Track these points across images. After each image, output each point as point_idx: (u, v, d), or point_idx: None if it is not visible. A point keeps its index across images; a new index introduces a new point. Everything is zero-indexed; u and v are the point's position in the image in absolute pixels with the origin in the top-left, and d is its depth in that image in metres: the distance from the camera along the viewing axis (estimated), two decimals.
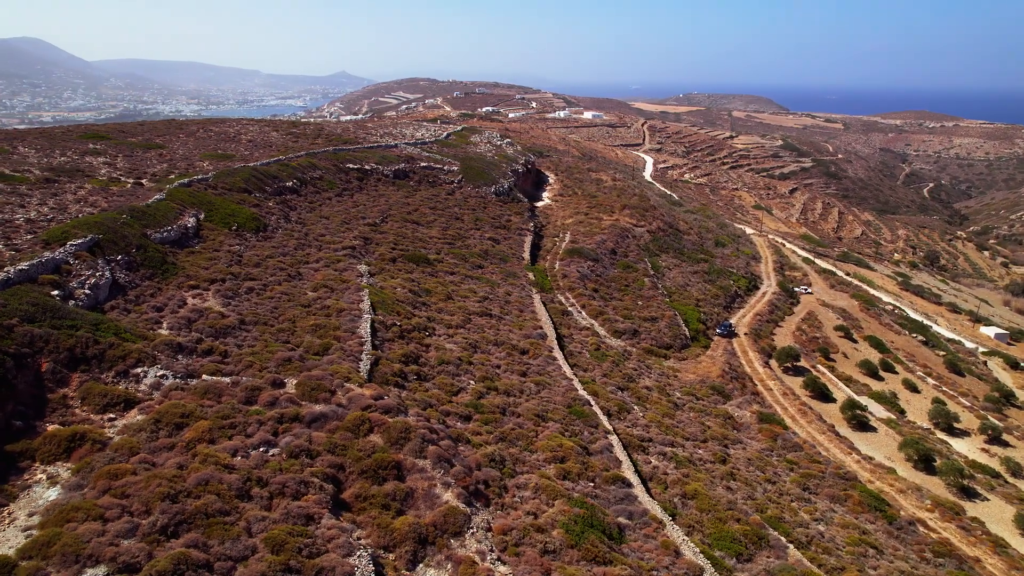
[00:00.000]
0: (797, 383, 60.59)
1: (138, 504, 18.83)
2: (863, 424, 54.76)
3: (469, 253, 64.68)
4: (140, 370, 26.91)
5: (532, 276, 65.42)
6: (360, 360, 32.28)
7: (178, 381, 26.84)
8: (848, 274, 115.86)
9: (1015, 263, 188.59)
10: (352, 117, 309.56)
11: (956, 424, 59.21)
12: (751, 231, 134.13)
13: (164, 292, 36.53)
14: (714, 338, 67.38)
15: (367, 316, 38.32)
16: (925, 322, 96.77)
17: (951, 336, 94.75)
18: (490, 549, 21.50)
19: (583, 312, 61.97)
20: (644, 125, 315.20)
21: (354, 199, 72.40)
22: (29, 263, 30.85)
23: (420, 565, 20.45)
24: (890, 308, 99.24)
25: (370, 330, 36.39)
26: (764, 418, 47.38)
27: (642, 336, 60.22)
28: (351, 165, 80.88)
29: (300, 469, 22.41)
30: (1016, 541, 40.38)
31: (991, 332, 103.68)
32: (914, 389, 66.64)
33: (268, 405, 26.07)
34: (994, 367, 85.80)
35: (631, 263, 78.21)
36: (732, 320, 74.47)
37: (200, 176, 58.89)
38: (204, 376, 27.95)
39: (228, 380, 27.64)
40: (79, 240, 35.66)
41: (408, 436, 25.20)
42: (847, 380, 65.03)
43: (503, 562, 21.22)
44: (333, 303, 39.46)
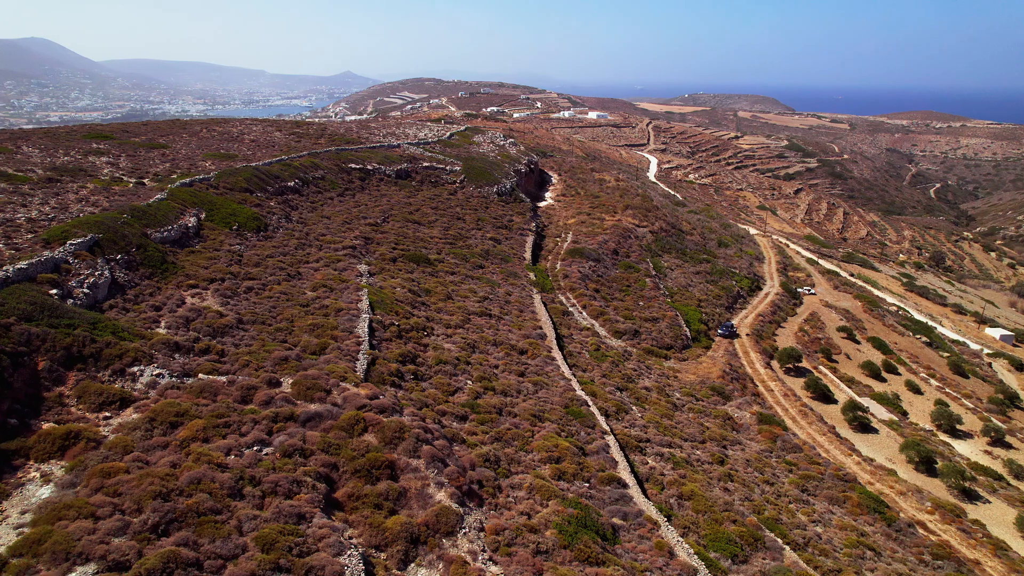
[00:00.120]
0: (798, 384, 60.35)
1: (130, 502, 18.90)
2: (864, 425, 54.48)
3: (470, 253, 64.69)
4: (136, 369, 27.00)
5: (533, 276, 65.38)
6: (357, 360, 32.31)
7: (174, 380, 26.93)
8: (852, 275, 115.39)
9: (1022, 264, 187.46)
10: (357, 117, 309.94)
11: (959, 426, 58.87)
12: (755, 232, 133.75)
13: (163, 291, 36.65)
14: (715, 339, 67.17)
15: (365, 316, 38.37)
16: (929, 323, 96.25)
17: (956, 337, 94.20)
18: (482, 549, 21.51)
19: (584, 312, 61.89)
20: (649, 125, 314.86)
21: (356, 199, 72.50)
22: (28, 262, 31.01)
23: (411, 565, 20.46)
24: (894, 309, 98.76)
25: (368, 330, 36.43)
26: (764, 419, 47.21)
27: (643, 336, 60.10)
28: (353, 165, 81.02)
29: (293, 468, 22.45)
30: (1017, 544, 40.08)
31: (996, 333, 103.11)
32: (917, 391, 66.30)
33: (263, 404, 26.14)
34: (999, 369, 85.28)
35: (633, 263, 78.06)
36: (734, 321, 74.26)
37: (202, 176, 59.05)
38: (200, 375, 28.05)
39: (224, 379, 27.74)
40: (79, 239, 35.81)
41: (402, 436, 25.21)
42: (849, 381, 64.72)
43: (494, 562, 21.22)
44: (332, 303, 39.52)
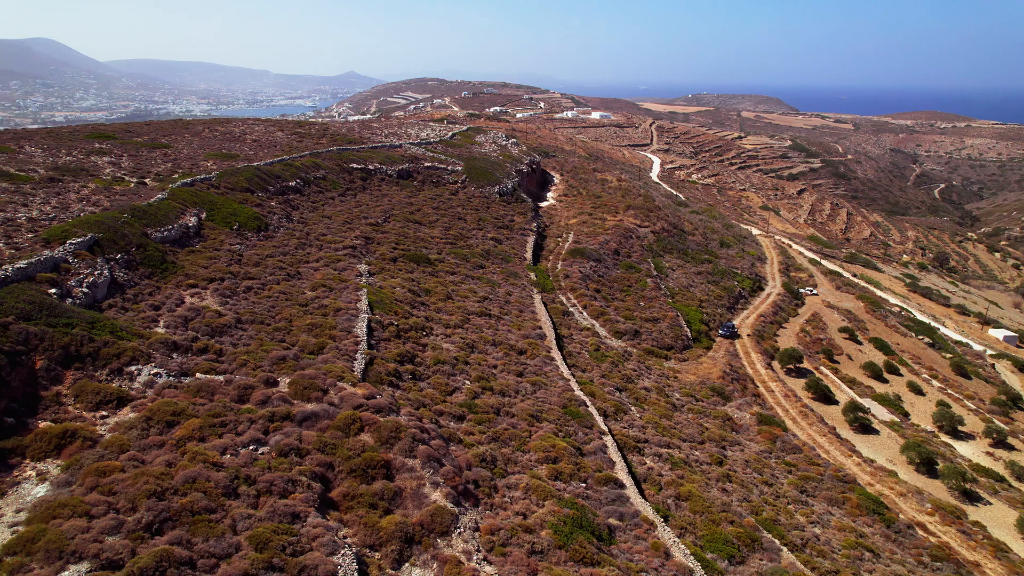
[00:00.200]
0: (799, 385, 60.21)
1: (124, 501, 18.94)
2: (865, 426, 54.32)
3: (471, 253, 64.70)
4: (134, 368, 27.05)
5: (534, 276, 65.36)
6: (355, 359, 32.34)
7: (171, 379, 26.98)
8: (855, 275, 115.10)
9: None
10: (360, 117, 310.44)
11: (961, 427, 58.67)
12: (757, 232, 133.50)
13: (163, 291, 36.73)
14: (716, 339, 67.06)
15: (364, 315, 38.40)
16: (932, 324, 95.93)
17: (959, 338, 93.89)
18: (476, 549, 21.50)
19: (584, 312, 61.84)
20: (652, 125, 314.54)
21: (357, 199, 72.58)
22: (27, 261, 31.12)
23: (406, 564, 20.47)
24: (897, 310, 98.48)
25: (366, 329, 36.46)
26: (764, 420, 47.10)
27: (643, 337, 60.02)
28: (355, 165, 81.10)
29: (289, 468, 22.48)
30: (1018, 545, 39.90)
31: (1000, 334, 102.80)
32: (919, 392, 66.11)
33: (260, 404, 26.18)
34: (1002, 370, 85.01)
35: (634, 264, 77.98)
36: (735, 321, 74.13)
37: (203, 176, 59.17)
38: (198, 374, 28.09)
39: (221, 379, 27.78)
40: (79, 239, 35.91)
41: (398, 435, 25.23)
42: (850, 382, 64.54)
43: (489, 562, 21.21)
44: (331, 302, 39.56)
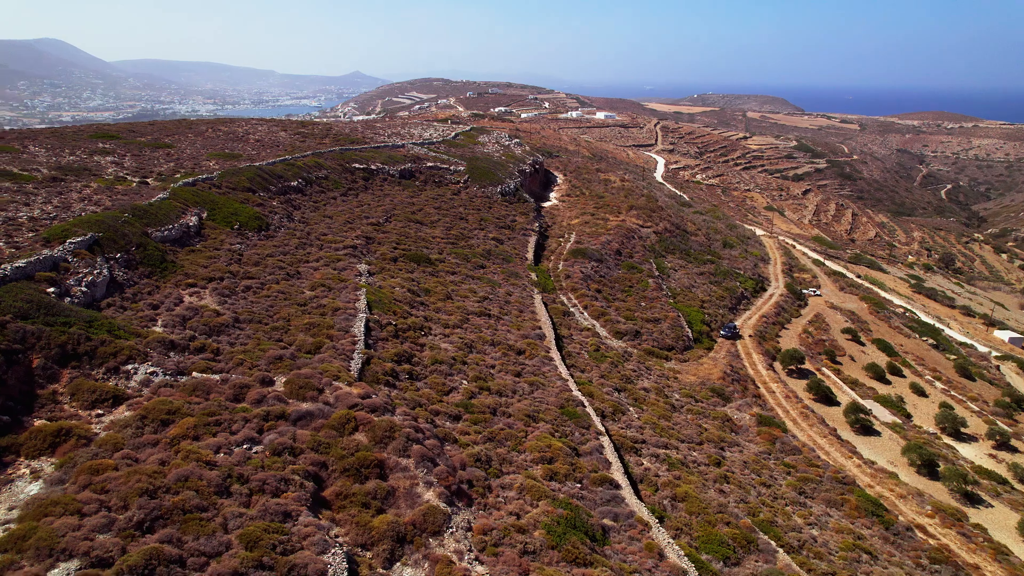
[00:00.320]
0: (800, 386, 59.99)
1: (116, 499, 19.01)
2: (867, 428, 54.08)
3: (472, 253, 64.71)
4: (131, 367, 27.16)
5: (535, 276, 65.32)
6: (352, 359, 32.39)
7: (168, 378, 27.06)
8: (859, 276, 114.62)
9: None
10: (365, 117, 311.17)
11: (963, 429, 58.33)
12: (761, 232, 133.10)
13: (162, 290, 36.87)
14: (718, 340, 66.87)
15: (362, 315, 38.45)
16: (937, 325, 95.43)
17: (963, 340, 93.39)
18: (468, 549, 21.49)
19: (585, 313, 61.77)
20: (657, 126, 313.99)
21: (359, 199, 72.71)
22: (26, 260, 31.28)
23: (397, 564, 20.48)
24: (901, 311, 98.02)
25: (364, 329, 36.51)
26: (763, 421, 46.94)
27: (644, 337, 59.91)
28: (357, 165, 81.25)
29: (282, 467, 22.51)
30: (1019, 548, 39.64)
31: (1005, 336, 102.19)
32: (922, 393, 65.77)
33: (255, 403, 26.24)
34: (1007, 371, 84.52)
35: (636, 264, 77.85)
36: (737, 322, 73.93)
37: (205, 175, 59.37)
38: (195, 373, 28.17)
39: (218, 378, 27.85)
40: (79, 238, 36.07)
41: (392, 435, 25.24)
42: (853, 383, 64.26)
43: (481, 562, 21.20)
44: (329, 302, 39.62)
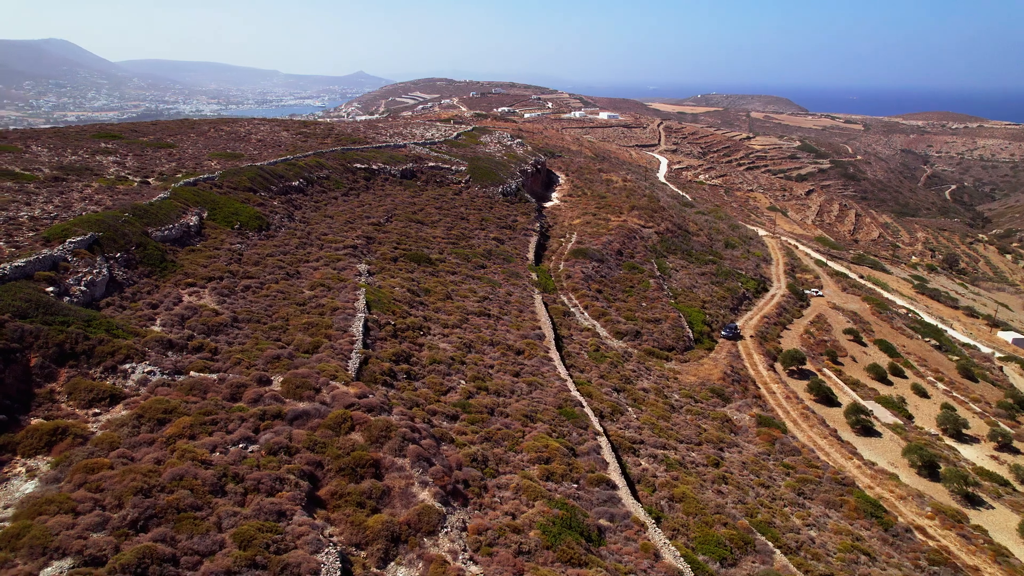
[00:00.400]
0: (801, 387, 59.84)
1: (111, 498, 19.06)
2: (867, 429, 53.92)
3: (472, 253, 64.73)
4: (128, 366, 27.23)
5: (535, 276, 65.29)
6: (349, 358, 32.42)
7: (165, 377, 27.13)
8: (862, 277, 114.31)
9: None
10: (368, 117, 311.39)
11: (965, 430, 58.10)
12: (764, 233, 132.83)
13: (161, 289, 36.95)
14: (719, 340, 66.74)
15: (361, 315, 38.49)
16: (940, 326, 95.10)
17: (966, 341, 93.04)
18: (463, 549, 21.49)
19: (585, 313, 61.72)
20: (660, 126, 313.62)
21: (360, 199, 72.79)
22: (26, 260, 31.39)
23: (391, 563, 20.49)
24: (903, 312, 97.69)
25: (362, 329, 36.54)
26: (763, 422, 46.84)
27: (644, 338, 59.84)
28: (358, 165, 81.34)
29: (278, 466, 22.54)
30: (1019, 550, 39.46)
31: (1009, 337, 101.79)
32: (923, 394, 65.54)
33: (252, 402, 26.28)
34: (1010, 373, 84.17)
35: (637, 264, 77.77)
36: (739, 322, 73.79)
37: (206, 175, 59.50)
38: (192, 373, 28.24)
39: (215, 377, 27.92)
40: (79, 238, 36.17)
41: (388, 435, 25.26)
42: (854, 384, 64.07)
43: (475, 562, 21.20)
44: (328, 302, 39.67)
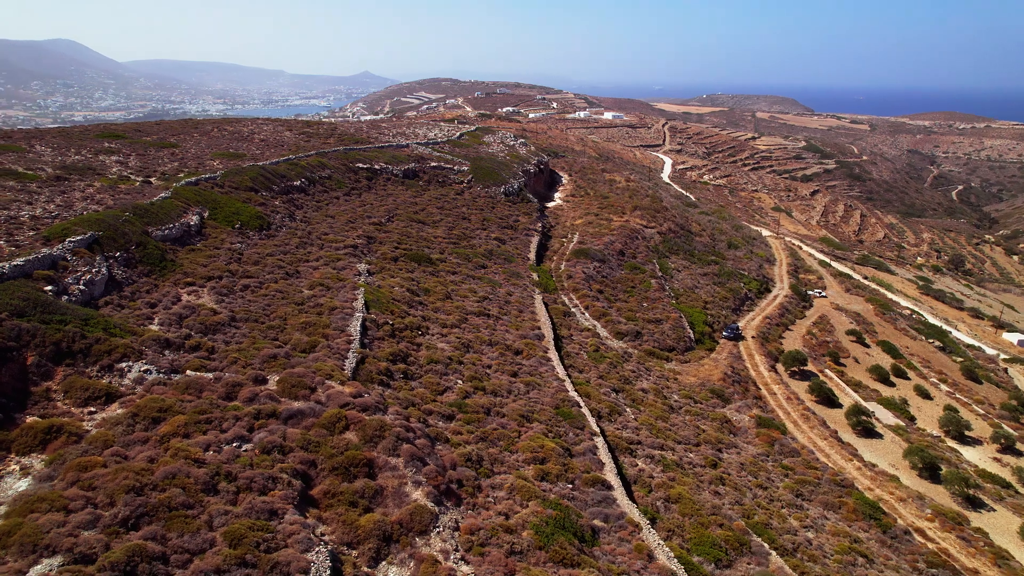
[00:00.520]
0: (803, 388, 59.61)
1: (103, 496, 19.14)
2: (868, 430, 53.68)
3: (473, 253, 64.74)
4: (125, 365, 27.34)
5: (536, 277, 65.25)
6: (346, 358, 32.47)
7: (161, 376, 27.23)
8: (866, 278, 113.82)
9: None
10: (373, 117, 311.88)
11: (968, 432, 57.79)
12: (768, 233, 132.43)
13: (160, 289, 37.09)
14: (720, 341, 66.56)
15: (359, 314, 38.54)
16: (944, 327, 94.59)
17: (971, 342, 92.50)
18: (455, 548, 21.50)
19: (586, 313, 61.65)
20: (665, 126, 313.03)
21: (362, 198, 72.90)
22: (25, 259, 31.56)
23: (382, 563, 20.51)
24: (907, 313, 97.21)
25: (360, 328, 36.58)
26: (763, 423, 46.69)
27: (645, 338, 59.71)
28: (361, 164, 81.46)
29: (271, 465, 22.59)
30: (1020, 553, 39.20)
31: (1015, 338, 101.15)
32: (926, 396, 65.20)
33: (247, 401, 26.35)
34: (1015, 374, 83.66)
35: (639, 264, 77.64)
36: (740, 323, 73.57)
37: (208, 175, 59.69)
38: (188, 372, 28.32)
39: (211, 376, 28.00)
40: (78, 237, 36.34)
41: (383, 434, 25.28)
42: (856, 385, 63.80)
43: (466, 561, 21.20)
44: (327, 301, 39.74)
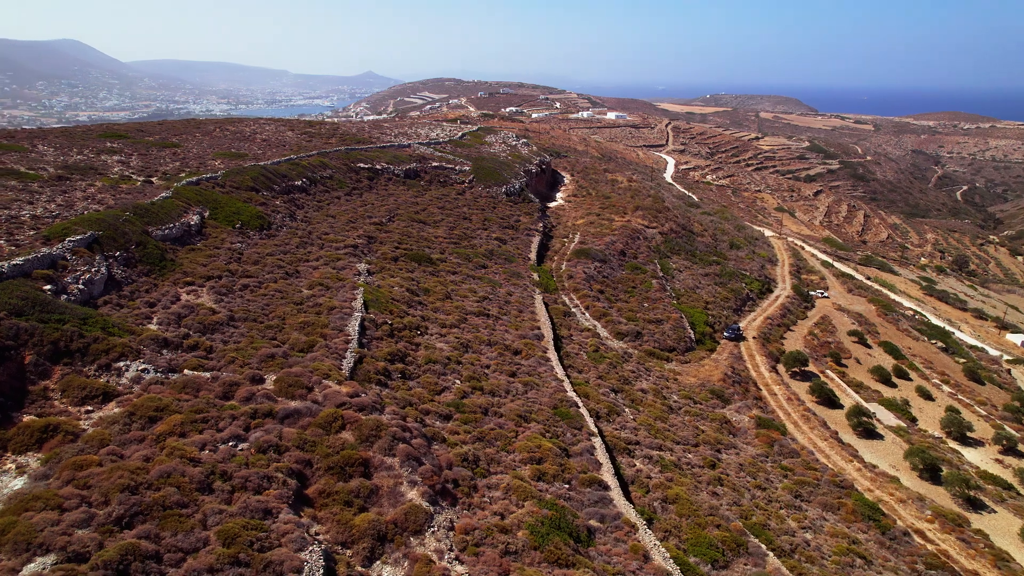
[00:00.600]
0: (803, 388, 59.46)
1: (97, 495, 19.20)
2: (869, 431, 53.52)
3: (474, 253, 64.76)
4: (122, 364, 27.42)
5: (537, 277, 65.23)
6: (344, 357, 32.51)
7: (159, 375, 27.30)
8: (868, 278, 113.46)
9: None
10: (376, 116, 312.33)
11: (970, 433, 57.56)
12: (770, 234, 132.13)
13: (159, 288, 37.19)
14: (721, 341, 66.44)
15: (358, 314, 38.58)
16: (947, 328, 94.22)
17: (974, 343, 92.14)
18: (449, 548, 21.50)
19: (587, 313, 61.61)
20: (668, 126, 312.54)
21: (363, 198, 72.99)
22: (24, 258, 31.67)
23: (376, 562, 20.52)
24: (910, 313, 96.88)
25: (359, 328, 36.62)
26: (762, 423, 46.59)
27: (645, 338, 59.65)
28: (362, 164, 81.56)
29: (266, 464, 22.63)
30: (1021, 555, 39.03)
31: (1018, 339, 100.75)
32: (928, 397, 64.97)
33: (244, 400, 26.40)
34: (1018, 375, 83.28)
35: (640, 265, 77.56)
36: (742, 323, 73.43)
37: (209, 174, 59.83)
38: (186, 371, 28.40)
39: (208, 375, 28.06)
40: (78, 236, 36.47)
41: (379, 434, 25.30)
42: (857, 386, 63.61)
43: (461, 561, 21.20)
44: (326, 301, 39.80)
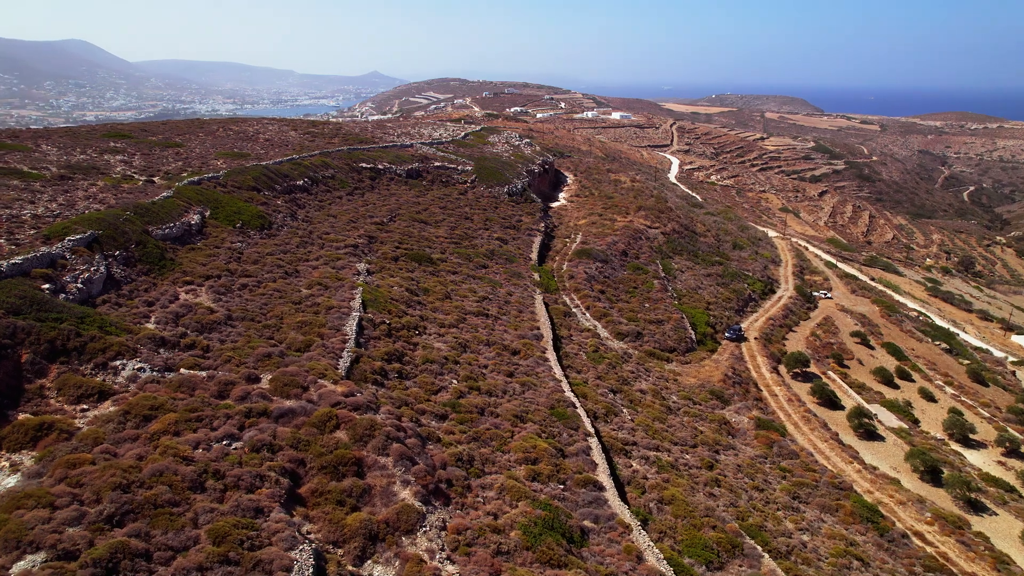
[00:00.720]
0: (804, 389, 59.23)
1: (89, 493, 19.27)
2: (870, 433, 53.26)
3: (474, 253, 64.75)
4: (119, 363, 27.53)
5: (537, 277, 65.18)
6: (340, 357, 32.55)
7: (155, 374, 27.40)
8: (873, 279, 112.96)
9: None
10: (381, 116, 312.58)
11: (972, 435, 57.20)
12: (774, 234, 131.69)
13: (158, 287, 37.32)
14: (722, 342, 66.24)
15: (356, 314, 38.63)
16: (951, 329, 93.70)
17: (979, 344, 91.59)
18: (441, 548, 21.50)
19: (587, 314, 61.53)
20: (673, 126, 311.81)
21: (365, 198, 73.09)
22: (23, 257, 31.85)
23: (367, 561, 20.54)
24: (914, 314, 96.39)
25: (356, 328, 36.67)
26: (762, 424, 46.43)
27: (646, 339, 59.52)
28: (364, 164, 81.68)
29: (259, 463, 22.67)
30: (1021, 558, 38.77)
31: (1023, 341, 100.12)
32: (931, 398, 64.62)
33: (239, 399, 26.46)
34: (1023, 377, 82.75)
35: (642, 265, 77.41)
36: (743, 324, 73.19)
37: (211, 174, 60.03)
38: (182, 370, 28.48)
39: (204, 374, 28.14)
40: (78, 235, 36.65)
41: (373, 433, 25.32)
42: (859, 387, 63.31)
43: (452, 561, 21.19)
44: (324, 300, 39.87)
